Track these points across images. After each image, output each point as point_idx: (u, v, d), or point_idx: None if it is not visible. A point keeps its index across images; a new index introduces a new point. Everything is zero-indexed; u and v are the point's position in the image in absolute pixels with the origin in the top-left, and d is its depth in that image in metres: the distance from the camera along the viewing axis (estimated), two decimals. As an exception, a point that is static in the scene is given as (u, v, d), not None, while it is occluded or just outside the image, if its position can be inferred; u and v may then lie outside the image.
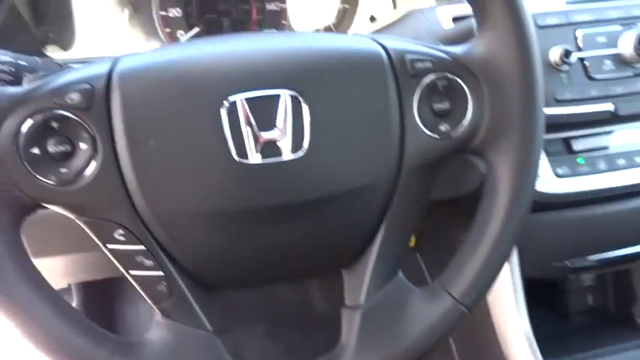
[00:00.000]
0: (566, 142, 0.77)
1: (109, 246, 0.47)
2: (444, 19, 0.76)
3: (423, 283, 0.54)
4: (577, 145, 0.77)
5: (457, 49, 0.52)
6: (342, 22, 0.97)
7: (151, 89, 0.45)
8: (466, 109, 0.51)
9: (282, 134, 0.46)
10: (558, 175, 0.76)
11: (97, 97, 0.44)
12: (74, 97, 0.43)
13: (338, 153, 0.48)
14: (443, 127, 0.51)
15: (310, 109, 0.46)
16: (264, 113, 0.45)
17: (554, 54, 0.73)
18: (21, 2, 0.79)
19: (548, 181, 0.75)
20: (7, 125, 0.42)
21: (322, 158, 0.47)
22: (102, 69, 0.45)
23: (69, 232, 0.48)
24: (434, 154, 0.51)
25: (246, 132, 0.45)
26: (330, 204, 0.50)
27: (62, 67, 0.56)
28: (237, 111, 0.45)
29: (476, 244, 0.52)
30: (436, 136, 0.51)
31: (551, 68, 0.73)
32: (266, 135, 0.45)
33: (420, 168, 0.51)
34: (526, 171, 0.51)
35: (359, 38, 0.52)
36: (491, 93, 0.51)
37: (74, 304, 1.10)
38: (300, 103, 0.46)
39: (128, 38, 0.90)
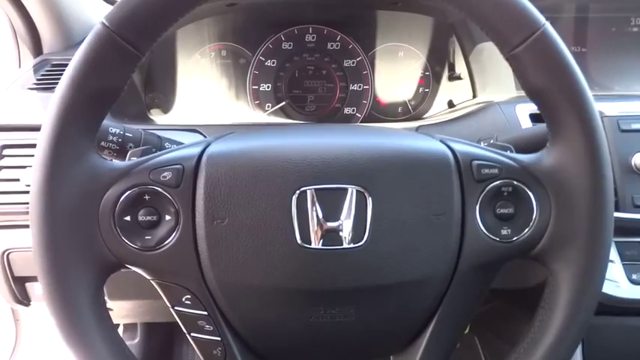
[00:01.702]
0: (645, 246, 0.75)
1: (177, 308, 0.52)
2: (522, 115, 0.77)
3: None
4: (657, 250, 0.73)
5: (526, 158, 0.53)
6: (422, 104, 1.00)
7: (232, 173, 0.50)
8: (531, 216, 0.52)
9: (344, 225, 0.49)
10: (633, 281, 0.73)
11: (185, 176, 0.50)
12: (167, 175, 0.49)
13: (396, 247, 0.50)
14: (504, 231, 0.52)
15: (374, 204, 0.49)
16: (330, 204, 0.49)
17: (637, 159, 0.71)
18: (135, 72, 0.89)
19: (622, 286, 0.72)
20: (108, 194, 0.49)
21: (380, 250, 0.50)
22: (194, 151, 0.51)
23: (141, 282, 0.53)
24: (492, 256, 0.52)
25: (312, 220, 0.49)
26: (384, 293, 0.51)
27: (161, 138, 0.64)
28: (306, 199, 0.49)
29: (531, 351, 0.51)
30: (496, 239, 0.52)
31: (632, 173, 0.72)
32: (330, 224, 0.49)
33: (477, 268, 0.52)
34: (588, 287, 0.50)
35: (429, 140, 0.55)
36: (558, 204, 0.51)
37: (137, 339, 1.18)
38: (365, 197, 0.49)
39: (221, 106, 0.98)
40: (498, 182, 0.52)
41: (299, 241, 0.49)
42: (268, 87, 0.98)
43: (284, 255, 0.49)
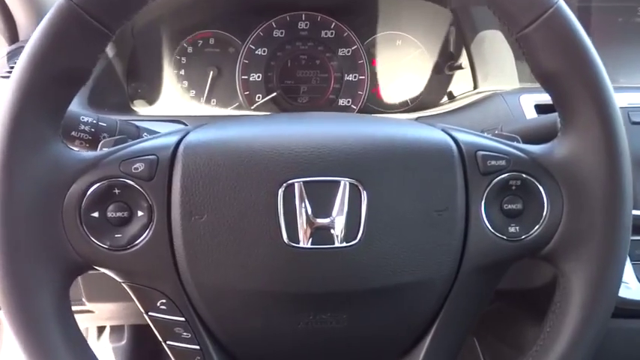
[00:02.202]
0: (656, 245, 0.71)
1: (151, 314, 0.48)
2: (527, 106, 0.74)
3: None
4: (668, 250, 0.70)
5: (536, 148, 0.49)
6: (421, 95, 0.96)
7: (212, 164, 0.45)
8: (541, 212, 0.48)
9: (336, 222, 0.45)
10: (643, 282, 0.70)
11: (160, 168, 0.45)
12: (139, 166, 0.45)
13: (393, 246, 0.46)
14: (512, 229, 0.48)
15: (369, 198, 0.45)
16: (321, 199, 0.45)
17: None
18: (117, 60, 0.86)
19: (632, 286, 0.69)
20: (74, 188, 0.44)
21: (376, 250, 0.46)
22: (169, 140, 0.47)
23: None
24: (499, 255, 0.49)
25: (301, 216, 0.45)
26: (380, 296, 0.48)
27: (139, 129, 0.59)
28: (294, 193, 0.45)
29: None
30: (504, 237, 0.48)
31: None
32: (320, 221, 0.45)
33: (482, 269, 0.49)
34: (603, 290, 0.47)
35: (430, 129, 0.51)
36: (571, 199, 0.47)
37: (124, 342, 1.14)
38: (359, 191, 0.45)
39: (208, 97, 0.94)
40: (506, 175, 0.48)
41: (286, 240, 0.44)
42: (259, 77, 0.93)
43: (269, 255, 0.45)
